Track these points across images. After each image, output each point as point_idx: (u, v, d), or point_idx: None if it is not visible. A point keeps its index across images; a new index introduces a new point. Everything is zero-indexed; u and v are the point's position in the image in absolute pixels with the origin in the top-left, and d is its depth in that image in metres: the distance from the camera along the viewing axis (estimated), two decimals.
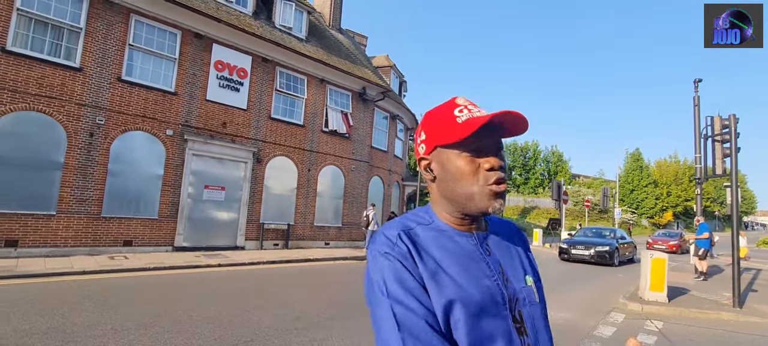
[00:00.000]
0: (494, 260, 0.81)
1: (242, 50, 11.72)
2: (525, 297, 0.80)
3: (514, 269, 0.83)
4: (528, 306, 0.79)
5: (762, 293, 9.18)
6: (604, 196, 23.24)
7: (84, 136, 8.99)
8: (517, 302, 0.78)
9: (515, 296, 0.79)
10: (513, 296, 0.78)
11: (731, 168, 8.19)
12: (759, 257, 19.82)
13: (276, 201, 12.66)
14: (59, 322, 4.43)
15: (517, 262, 0.85)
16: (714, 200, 50.53)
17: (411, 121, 20.39)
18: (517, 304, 0.78)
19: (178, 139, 10.44)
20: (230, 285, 7.11)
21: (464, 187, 0.77)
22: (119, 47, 9.51)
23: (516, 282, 0.81)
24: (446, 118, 0.79)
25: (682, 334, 5.72)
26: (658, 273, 7.53)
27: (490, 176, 0.76)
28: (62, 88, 8.71)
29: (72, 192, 8.80)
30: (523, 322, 0.77)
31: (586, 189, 43.32)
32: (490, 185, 0.76)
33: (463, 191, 0.77)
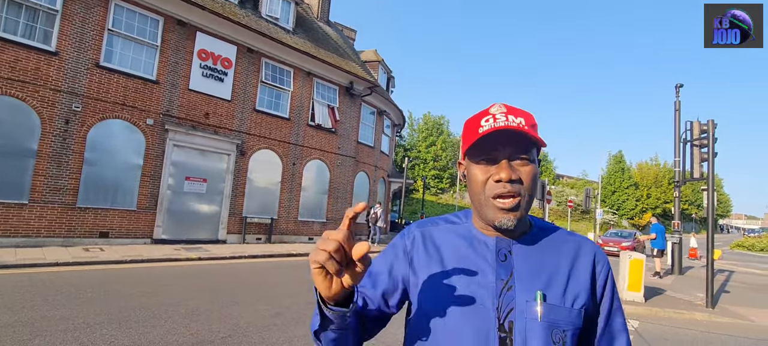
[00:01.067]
0: (506, 267, 0.80)
1: (227, 40, 11.47)
2: (523, 311, 0.76)
3: (530, 281, 0.79)
4: (524, 320, 0.76)
5: (734, 294, 9.48)
6: (587, 197, 23.65)
7: (59, 123, 8.67)
8: (510, 313, 0.76)
9: (510, 306, 0.77)
10: (506, 306, 0.77)
11: (708, 172, 8.41)
12: (732, 259, 20.52)
13: (259, 195, 12.48)
14: (28, 315, 4.26)
15: (546, 275, 0.80)
16: (691, 203, 52.09)
17: (398, 117, 20.36)
18: (509, 314, 0.76)
19: (159, 129, 10.17)
20: (210, 279, 6.98)
21: (476, 196, 0.81)
22: (98, 32, 9.19)
23: (521, 293, 0.78)
24: (473, 125, 0.81)
25: (657, 333, 5.85)
26: (636, 274, 7.70)
27: (496, 188, 0.77)
28: (37, 72, 8.37)
29: (46, 181, 8.49)
30: (511, 333, 0.75)
31: (570, 190, 44.17)
32: (495, 197, 0.78)
33: (476, 200, 0.82)
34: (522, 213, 0.78)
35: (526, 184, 0.78)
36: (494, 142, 0.77)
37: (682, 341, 5.57)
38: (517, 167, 0.78)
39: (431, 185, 40.97)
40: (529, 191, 0.78)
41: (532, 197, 0.80)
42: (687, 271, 13.08)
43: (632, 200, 45.89)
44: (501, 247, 0.82)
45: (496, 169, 0.78)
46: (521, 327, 0.75)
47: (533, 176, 0.79)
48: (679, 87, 12.02)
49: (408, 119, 40.92)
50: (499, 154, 0.78)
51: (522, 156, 0.78)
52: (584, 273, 0.83)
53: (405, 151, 40.92)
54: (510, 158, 0.78)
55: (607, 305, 0.85)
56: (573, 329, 0.78)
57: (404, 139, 42.60)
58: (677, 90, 12.03)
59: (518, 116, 0.78)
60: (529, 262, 0.81)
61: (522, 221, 0.81)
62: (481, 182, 0.79)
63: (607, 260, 0.87)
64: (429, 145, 41.58)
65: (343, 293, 0.67)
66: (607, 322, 0.85)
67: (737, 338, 5.88)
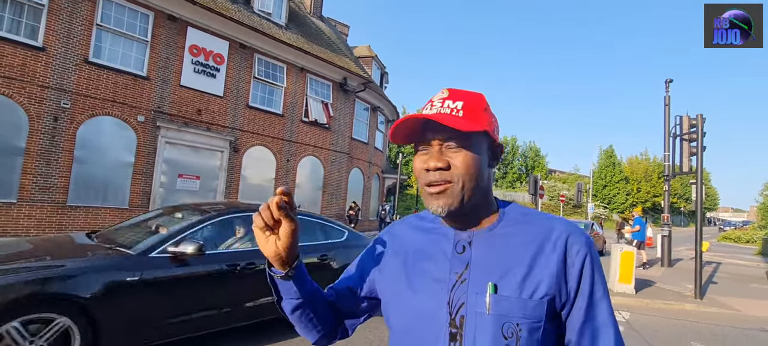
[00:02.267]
0: (462, 259, 0.77)
1: (219, 35, 11.35)
2: (473, 304, 0.72)
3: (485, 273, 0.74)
4: (474, 314, 0.72)
5: (721, 285, 9.69)
6: (579, 191, 23.90)
7: (47, 120, 8.52)
8: (461, 308, 0.73)
9: (461, 301, 0.73)
10: (457, 301, 0.73)
11: (697, 166, 8.56)
12: (720, 251, 20.95)
13: (253, 191, 12.42)
14: None
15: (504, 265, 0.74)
16: (680, 197, 52.96)
17: (392, 113, 20.36)
18: (460, 309, 0.73)
19: (150, 126, 10.05)
20: None
21: (420, 189, 0.79)
22: (86, 27, 9.03)
23: (473, 286, 0.73)
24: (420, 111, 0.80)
25: (648, 324, 5.97)
26: (627, 266, 7.83)
27: (426, 177, 0.76)
28: (23, 68, 8.21)
29: (34, 179, 8.35)
30: (462, 329, 0.72)
31: (562, 184, 44.63)
32: (427, 185, 0.76)
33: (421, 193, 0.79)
34: (453, 200, 0.73)
35: (458, 170, 0.74)
36: (425, 132, 0.76)
37: (672, 331, 5.70)
38: (449, 154, 0.75)
39: None
40: (464, 178, 0.73)
41: (470, 183, 0.74)
42: (676, 263, 13.32)
43: (623, 194, 46.54)
44: (459, 238, 0.79)
45: (427, 158, 0.76)
46: (471, 322, 0.72)
47: (467, 161, 0.74)
48: (668, 82, 12.18)
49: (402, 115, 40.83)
50: (431, 142, 0.76)
51: (452, 143, 0.74)
52: (552, 259, 0.74)
53: (399, 147, 40.96)
54: (441, 145, 0.75)
55: (587, 293, 0.75)
56: (530, 322, 0.71)
57: None
58: (667, 85, 12.19)
59: (457, 100, 0.76)
60: (489, 252, 0.77)
61: (463, 212, 0.76)
62: (418, 170, 0.77)
63: (585, 243, 0.76)
64: None
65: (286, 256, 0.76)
66: (587, 314, 0.75)
67: (725, 328, 6.02)
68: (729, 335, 5.66)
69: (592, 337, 0.74)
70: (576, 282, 0.75)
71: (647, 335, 5.39)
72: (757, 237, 25.67)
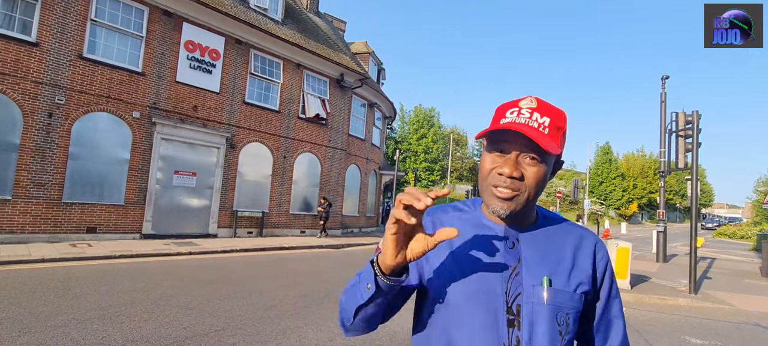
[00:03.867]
0: (514, 254, 0.84)
1: (215, 30, 11.27)
2: (530, 295, 0.81)
3: (536, 267, 0.83)
4: (530, 304, 0.80)
5: (716, 280, 9.78)
6: (575, 187, 24.01)
7: (42, 116, 8.45)
8: (517, 297, 0.81)
9: (517, 291, 0.81)
10: (514, 290, 0.81)
11: (692, 162, 8.61)
12: (714, 247, 21.11)
13: (250, 188, 12.39)
14: (15, 311, 4.19)
15: (551, 262, 0.84)
16: (676, 193, 53.26)
17: (389, 109, 20.32)
18: (517, 299, 0.80)
19: (146, 122, 9.99)
20: (201, 273, 6.93)
21: (481, 181, 0.84)
22: (80, 22, 8.94)
23: (528, 278, 0.82)
24: (499, 113, 0.83)
25: (643, 319, 6.02)
26: (622, 261, 7.88)
27: (497, 179, 0.80)
28: (17, 64, 8.13)
29: (29, 176, 8.29)
30: (519, 316, 0.80)
31: (559, 180, 44.74)
32: (495, 186, 0.80)
33: (480, 185, 0.85)
34: (517, 206, 0.80)
35: (529, 182, 0.79)
36: (507, 137, 0.80)
37: (667, 325, 5.75)
38: (524, 165, 0.80)
39: (422, 177, 41.12)
40: (531, 190, 0.80)
41: (535, 196, 0.81)
42: (671, 259, 13.43)
43: (619, 190, 46.75)
44: (509, 235, 0.86)
45: (502, 163, 0.80)
46: (528, 310, 0.80)
47: (539, 177, 0.80)
48: (665, 79, 12.22)
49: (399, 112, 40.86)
50: (509, 149, 0.80)
51: (532, 155, 0.79)
52: (586, 261, 0.88)
53: (396, 143, 40.93)
54: (520, 155, 0.80)
55: (606, 291, 0.91)
56: (575, 312, 0.83)
57: (395, 132, 42.57)
58: (663, 82, 12.23)
59: (544, 115, 0.79)
60: (536, 249, 0.85)
61: (521, 214, 0.83)
62: (488, 170, 0.82)
63: (606, 250, 0.93)
64: (420, 138, 41.61)
65: (400, 266, 0.74)
66: (605, 307, 0.91)
67: (719, 322, 6.08)
68: (723, 329, 5.71)
69: (607, 327, 0.92)
70: (600, 282, 0.90)
71: (642, 329, 5.44)
72: (752, 233, 25.89)
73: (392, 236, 0.69)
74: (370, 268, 0.76)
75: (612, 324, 0.92)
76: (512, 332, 0.79)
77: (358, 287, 0.80)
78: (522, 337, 0.79)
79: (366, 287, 0.77)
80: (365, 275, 0.78)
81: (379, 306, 0.80)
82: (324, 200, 13.68)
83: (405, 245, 0.72)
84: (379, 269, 0.75)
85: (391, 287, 0.75)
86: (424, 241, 0.71)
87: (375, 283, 0.75)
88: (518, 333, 0.79)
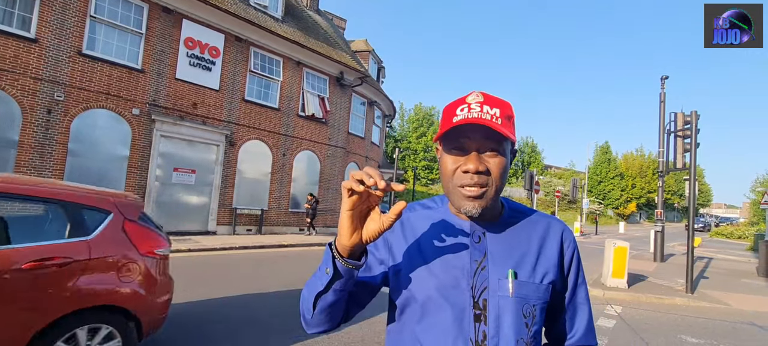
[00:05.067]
0: (480, 249, 0.84)
1: (214, 28, 11.26)
2: (496, 289, 0.80)
3: (502, 260, 0.83)
4: (496, 298, 0.80)
5: (712, 279, 9.83)
6: (574, 187, 24.06)
7: (41, 112, 8.45)
8: (483, 291, 0.80)
9: (483, 286, 0.81)
10: (480, 285, 0.81)
11: (691, 162, 8.64)
12: (711, 247, 21.18)
13: (249, 186, 12.40)
14: None
15: (517, 254, 0.84)
16: (674, 193, 53.37)
17: (388, 108, 20.32)
18: (483, 293, 0.80)
19: (145, 119, 9.99)
20: (200, 271, 6.95)
21: (445, 184, 0.83)
22: (79, 18, 8.93)
23: (493, 272, 0.82)
24: (448, 113, 0.82)
25: (639, 318, 6.05)
26: (620, 261, 7.90)
27: (463, 178, 0.79)
28: (16, 60, 8.12)
29: (28, 172, 8.29)
30: (485, 310, 0.80)
31: (557, 180, 44.81)
32: (462, 186, 0.79)
33: (445, 187, 0.84)
34: (487, 202, 0.80)
35: (494, 175, 0.79)
36: (465, 133, 0.79)
37: (663, 324, 5.78)
38: (486, 159, 0.79)
39: (421, 175, 41.16)
40: (496, 182, 0.80)
41: (500, 188, 0.81)
42: (669, 258, 13.48)
43: (618, 190, 46.83)
44: (475, 230, 0.86)
45: (464, 160, 0.79)
46: (494, 304, 0.80)
47: (502, 167, 0.80)
48: (664, 79, 12.24)
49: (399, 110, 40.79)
50: (469, 145, 0.79)
51: (491, 148, 0.79)
52: (552, 250, 0.88)
53: (395, 142, 40.95)
54: (479, 150, 0.79)
55: (573, 279, 0.92)
56: (542, 303, 0.84)
57: (395, 130, 42.58)
58: (662, 82, 12.25)
59: (494, 107, 0.79)
60: (502, 243, 0.85)
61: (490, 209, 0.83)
62: (451, 171, 0.81)
63: (573, 238, 0.93)
64: (419, 136, 41.65)
65: (358, 248, 0.74)
66: (572, 295, 0.93)
67: (715, 322, 6.12)
68: (719, 328, 5.75)
69: (573, 313, 0.93)
70: (567, 269, 0.91)
71: (639, 328, 5.47)
72: (749, 233, 25.97)
73: (347, 214, 0.70)
74: (328, 251, 0.76)
75: (578, 310, 0.93)
76: (479, 326, 0.79)
77: (318, 275, 0.80)
78: (488, 331, 0.79)
79: (325, 271, 0.76)
80: (325, 259, 0.78)
81: (339, 295, 0.78)
82: (311, 197, 13.32)
83: (361, 225, 0.72)
84: (337, 252, 0.74)
85: (348, 271, 0.75)
86: (379, 220, 0.71)
87: (333, 265, 0.74)
88: (485, 328, 0.79)
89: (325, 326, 0.86)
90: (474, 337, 0.78)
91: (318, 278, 0.79)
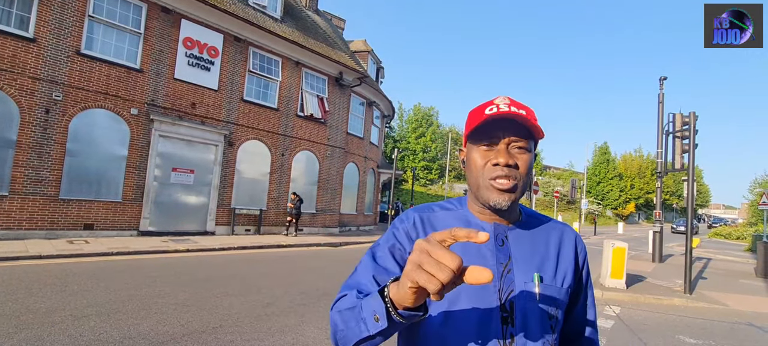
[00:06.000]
0: (504, 251, 0.85)
1: (213, 28, 11.25)
2: (522, 290, 0.82)
3: (526, 264, 0.84)
4: (523, 300, 0.81)
5: (711, 280, 9.85)
6: (573, 187, 24.12)
7: (39, 112, 8.42)
8: (510, 294, 0.81)
9: (510, 288, 0.82)
10: (507, 287, 0.82)
11: (689, 163, 8.65)
12: (710, 248, 21.23)
13: (248, 186, 12.38)
14: (11, 308, 4.19)
15: (538, 259, 0.86)
16: (673, 193, 53.49)
17: (387, 108, 20.32)
18: (509, 295, 0.81)
19: (144, 119, 9.97)
20: (199, 271, 6.93)
21: (475, 178, 0.84)
22: (78, 18, 8.91)
23: (519, 275, 0.83)
24: (477, 112, 0.84)
25: (638, 318, 6.06)
26: (619, 261, 7.92)
27: (493, 171, 0.81)
28: (14, 59, 8.10)
29: (26, 172, 8.27)
30: (513, 313, 0.80)
31: (556, 180, 44.90)
32: (493, 179, 0.81)
33: (474, 182, 0.85)
34: (516, 196, 0.82)
35: (521, 170, 0.82)
36: (496, 127, 0.81)
37: (662, 325, 5.79)
38: (515, 154, 0.82)
39: (420, 175, 41.16)
40: (523, 178, 0.82)
41: (526, 185, 0.83)
42: (667, 259, 13.50)
43: (616, 190, 46.92)
44: (498, 232, 0.87)
45: (495, 154, 0.81)
46: (521, 306, 0.81)
47: (529, 164, 0.83)
48: (663, 80, 12.26)
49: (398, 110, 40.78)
50: (499, 140, 0.82)
51: (520, 144, 0.82)
52: (569, 256, 0.91)
53: (394, 142, 40.94)
54: (509, 145, 0.82)
55: (584, 283, 0.96)
56: (563, 306, 0.87)
57: (394, 131, 42.58)
58: (661, 83, 12.27)
59: (521, 108, 0.82)
60: (524, 246, 0.87)
61: (514, 205, 0.85)
62: (481, 165, 0.83)
63: (584, 244, 0.97)
64: (418, 136, 41.67)
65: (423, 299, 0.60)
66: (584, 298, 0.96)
67: (713, 322, 6.13)
68: (717, 329, 5.76)
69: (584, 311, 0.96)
70: (580, 274, 0.94)
71: (637, 329, 5.48)
72: (747, 234, 26.04)
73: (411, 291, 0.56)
74: (380, 299, 0.63)
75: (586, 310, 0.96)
76: (506, 328, 0.80)
77: (358, 314, 0.68)
78: (516, 333, 0.80)
79: (373, 318, 0.64)
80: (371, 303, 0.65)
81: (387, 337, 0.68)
82: (294, 196, 12.61)
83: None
84: (391, 303, 0.62)
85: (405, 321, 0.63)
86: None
87: (387, 318, 0.62)
88: (512, 329, 0.80)
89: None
90: (502, 338, 0.79)
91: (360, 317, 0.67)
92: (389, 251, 0.85)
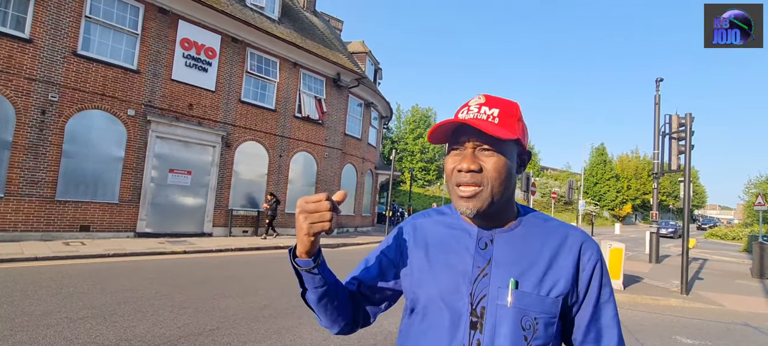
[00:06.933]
0: (485, 255, 0.83)
1: (210, 28, 11.23)
2: (495, 297, 0.78)
3: (506, 269, 0.80)
4: (494, 306, 0.78)
5: (707, 280, 9.89)
6: (570, 188, 24.12)
7: (35, 113, 8.38)
8: (482, 299, 0.79)
9: (482, 293, 0.79)
10: (479, 292, 0.80)
11: (685, 164, 8.69)
12: (706, 248, 21.32)
13: (246, 187, 12.35)
14: (6, 310, 4.16)
15: (525, 264, 0.81)
16: (669, 194, 53.69)
17: (385, 109, 20.32)
18: (482, 300, 0.79)
19: (141, 120, 9.93)
20: (196, 272, 6.91)
21: (448, 187, 0.85)
22: (74, 18, 8.87)
23: (495, 280, 0.79)
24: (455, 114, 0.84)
25: (635, 319, 6.08)
26: (616, 262, 7.95)
27: (458, 177, 0.80)
28: (9, 60, 8.05)
29: (22, 173, 8.22)
30: (483, 318, 0.78)
31: (554, 181, 45.02)
32: (457, 185, 0.81)
33: (449, 190, 0.86)
34: (483, 203, 0.79)
35: (489, 174, 0.78)
36: (461, 132, 0.81)
37: (658, 325, 5.81)
38: (481, 158, 0.79)
39: (418, 177, 41.18)
40: (493, 182, 0.78)
41: (499, 188, 0.79)
42: (664, 259, 13.55)
43: (613, 191, 47.07)
44: (482, 236, 0.85)
45: (460, 159, 0.80)
46: (492, 312, 0.78)
47: (499, 166, 0.78)
48: (659, 81, 12.32)
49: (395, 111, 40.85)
50: (463, 142, 0.81)
51: (485, 147, 0.79)
52: (567, 263, 0.82)
53: (392, 143, 40.96)
54: (475, 149, 0.80)
55: (595, 295, 0.83)
56: (547, 317, 0.78)
57: (392, 132, 42.60)
58: (657, 84, 12.33)
59: (493, 107, 0.80)
60: (510, 251, 0.83)
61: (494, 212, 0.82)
62: (449, 170, 0.83)
63: (596, 250, 0.85)
64: (416, 138, 41.67)
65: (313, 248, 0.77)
66: (593, 314, 0.83)
67: (709, 322, 6.16)
68: (713, 329, 5.78)
69: (597, 336, 0.83)
70: (586, 285, 0.83)
71: (634, 329, 5.49)
72: (743, 234, 26.17)
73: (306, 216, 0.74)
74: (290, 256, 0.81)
75: (603, 333, 0.83)
76: (474, 334, 0.78)
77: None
78: (483, 340, 0.77)
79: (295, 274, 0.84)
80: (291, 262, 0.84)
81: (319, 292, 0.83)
82: (271, 197, 12.04)
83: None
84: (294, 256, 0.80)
85: (301, 268, 0.79)
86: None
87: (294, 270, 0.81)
88: (480, 336, 0.77)
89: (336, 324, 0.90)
90: (468, 343, 0.78)
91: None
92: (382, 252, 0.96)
